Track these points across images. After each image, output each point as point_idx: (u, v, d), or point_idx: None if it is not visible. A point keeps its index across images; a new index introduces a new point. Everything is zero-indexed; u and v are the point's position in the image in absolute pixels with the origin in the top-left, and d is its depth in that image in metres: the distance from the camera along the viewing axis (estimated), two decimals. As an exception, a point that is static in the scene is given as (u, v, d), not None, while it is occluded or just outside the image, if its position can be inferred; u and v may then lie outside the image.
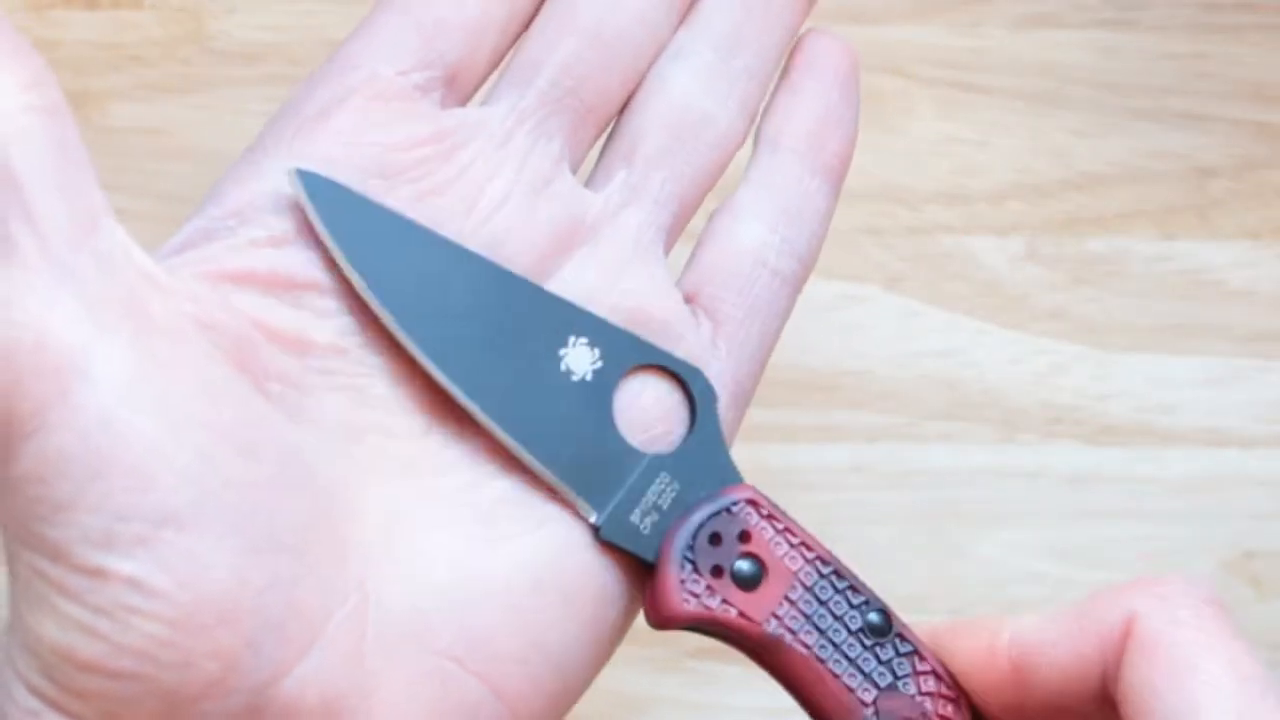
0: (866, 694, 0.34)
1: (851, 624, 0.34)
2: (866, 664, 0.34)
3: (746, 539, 0.35)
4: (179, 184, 0.56)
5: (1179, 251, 0.57)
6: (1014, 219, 0.57)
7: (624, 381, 0.36)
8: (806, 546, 0.35)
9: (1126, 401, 0.55)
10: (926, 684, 0.34)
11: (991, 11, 0.59)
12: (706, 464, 0.36)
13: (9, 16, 0.57)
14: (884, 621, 0.34)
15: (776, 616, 0.34)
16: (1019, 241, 0.57)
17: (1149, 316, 0.56)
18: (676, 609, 0.34)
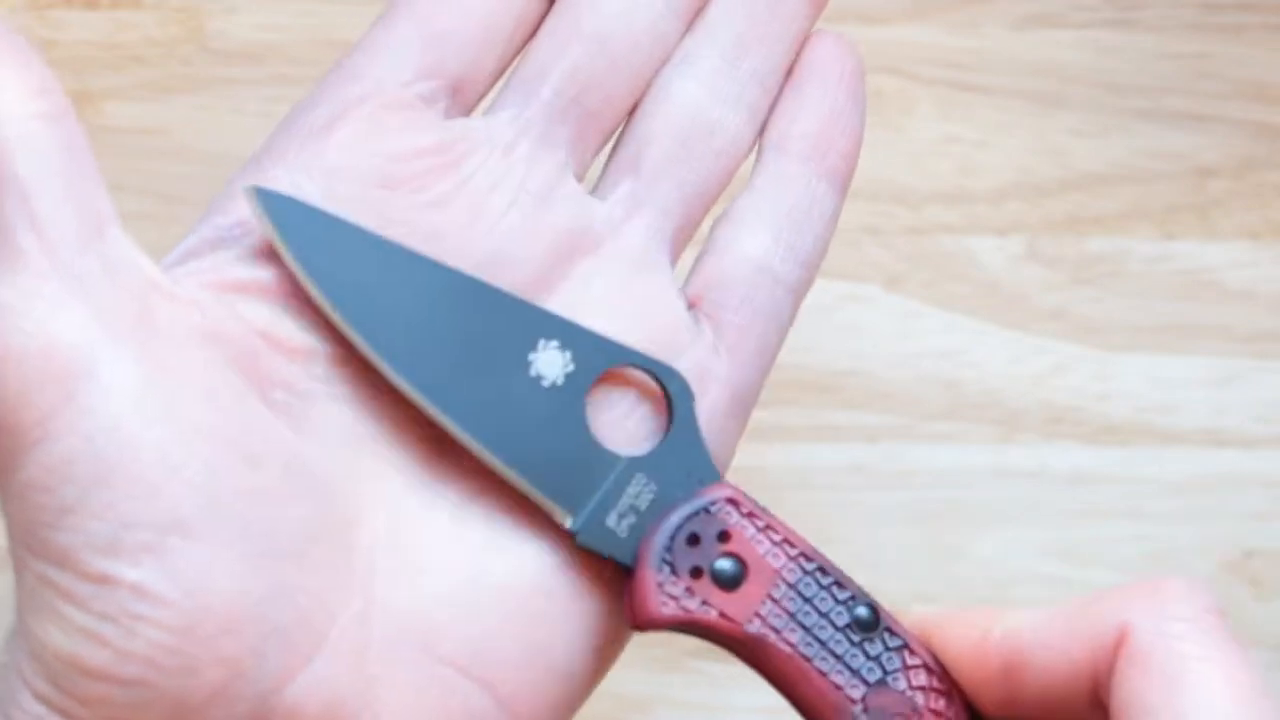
0: (855, 691, 0.33)
1: (838, 620, 0.34)
2: (854, 660, 0.34)
3: (726, 538, 0.34)
4: (179, 184, 0.56)
5: (1179, 251, 0.57)
6: (1014, 219, 0.57)
7: (599, 383, 0.35)
8: (789, 543, 0.34)
9: (1126, 401, 0.55)
10: (917, 678, 0.34)
11: (991, 11, 0.59)
12: (684, 463, 0.35)
13: (9, 16, 0.57)
14: (871, 616, 0.34)
15: (759, 616, 0.34)
16: (1019, 241, 0.57)
17: (1149, 316, 0.56)
18: (655, 612, 0.33)
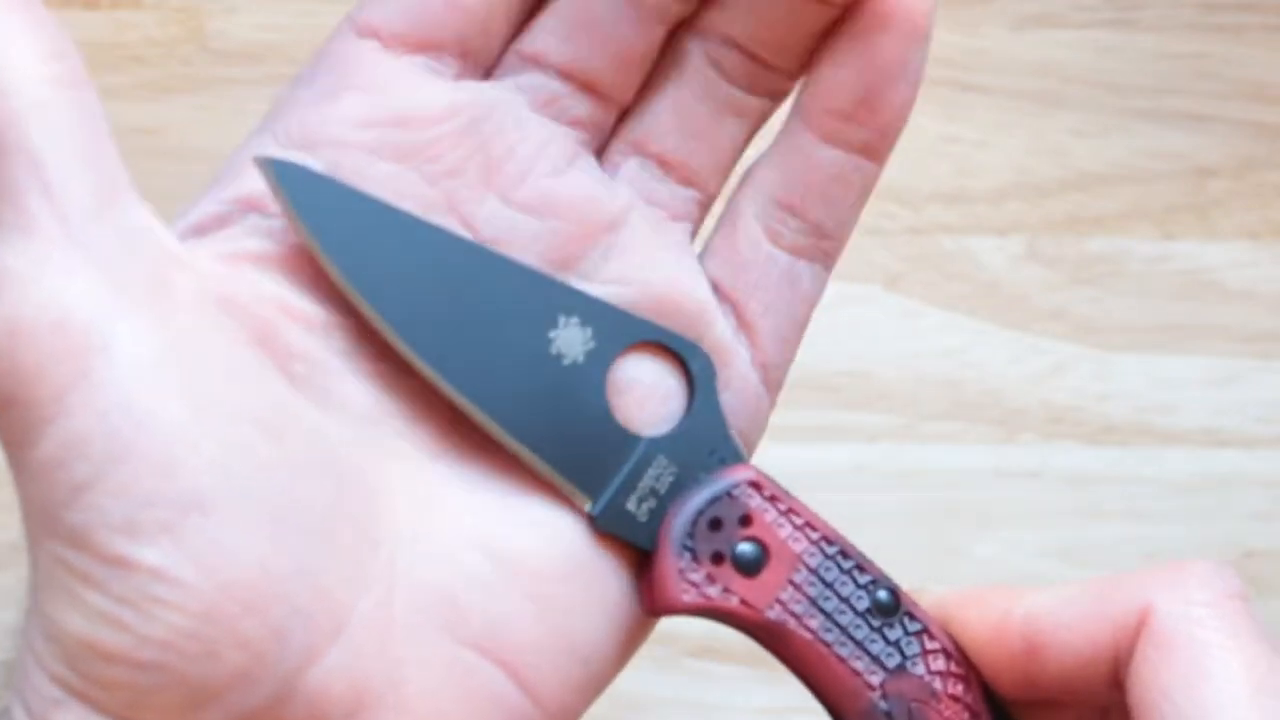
0: (874, 677, 0.33)
1: (859, 604, 0.33)
2: (874, 645, 0.33)
3: (748, 522, 0.33)
4: (178, 184, 0.55)
5: (1179, 251, 0.57)
6: (1014, 219, 0.57)
7: (619, 360, 0.34)
8: (811, 526, 0.34)
9: (1126, 401, 0.55)
10: (936, 663, 0.33)
11: (991, 11, 0.59)
12: (706, 444, 0.34)
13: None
14: (892, 600, 0.33)
15: (780, 602, 0.33)
16: (1019, 241, 0.57)
17: (1149, 316, 0.56)
18: (675, 600, 0.33)
